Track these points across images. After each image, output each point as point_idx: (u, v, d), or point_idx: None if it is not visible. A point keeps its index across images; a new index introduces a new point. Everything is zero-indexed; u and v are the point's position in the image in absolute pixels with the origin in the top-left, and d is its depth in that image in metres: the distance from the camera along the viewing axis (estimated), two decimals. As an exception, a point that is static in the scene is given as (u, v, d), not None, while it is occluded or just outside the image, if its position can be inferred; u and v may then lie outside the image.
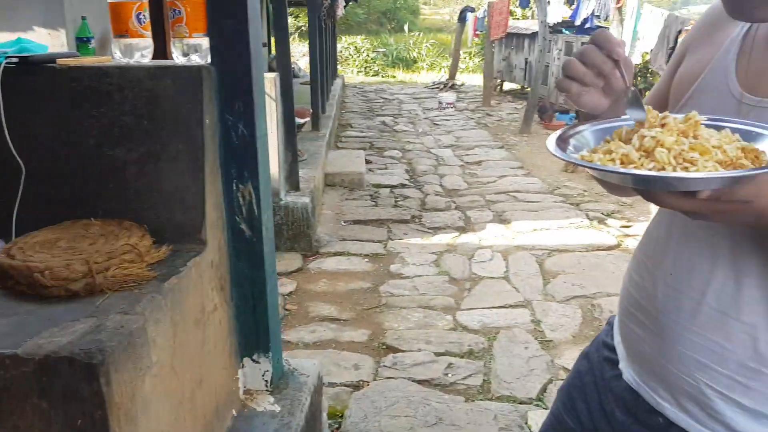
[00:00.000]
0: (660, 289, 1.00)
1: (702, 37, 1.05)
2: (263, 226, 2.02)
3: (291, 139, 4.75)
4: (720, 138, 0.80)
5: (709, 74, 0.99)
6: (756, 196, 0.75)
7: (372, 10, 34.57)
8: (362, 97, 15.03)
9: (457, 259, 4.68)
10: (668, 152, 0.77)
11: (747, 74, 0.93)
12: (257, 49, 1.93)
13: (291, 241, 4.64)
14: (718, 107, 0.92)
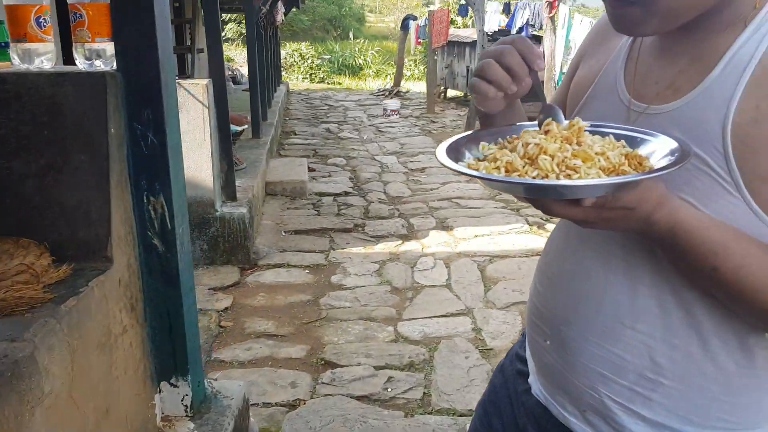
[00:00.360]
0: (560, 299, 0.99)
1: (596, 44, 1.06)
2: (178, 241, 1.90)
3: (226, 147, 4.59)
4: (603, 144, 0.79)
5: (600, 80, 0.99)
6: (639, 202, 0.74)
7: (317, 17, 34.49)
8: (307, 104, 14.88)
9: (400, 267, 4.61)
10: (551, 159, 0.76)
11: (634, 81, 0.94)
12: (167, 54, 1.81)
13: (228, 253, 4.48)
14: (609, 113, 0.94)
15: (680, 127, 0.84)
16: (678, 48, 0.89)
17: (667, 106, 0.87)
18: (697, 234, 0.78)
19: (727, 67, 0.82)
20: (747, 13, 0.83)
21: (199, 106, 4.21)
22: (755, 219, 0.79)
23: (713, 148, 0.80)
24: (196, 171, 4.28)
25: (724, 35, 0.84)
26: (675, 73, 0.88)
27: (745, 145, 0.78)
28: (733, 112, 0.79)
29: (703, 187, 0.81)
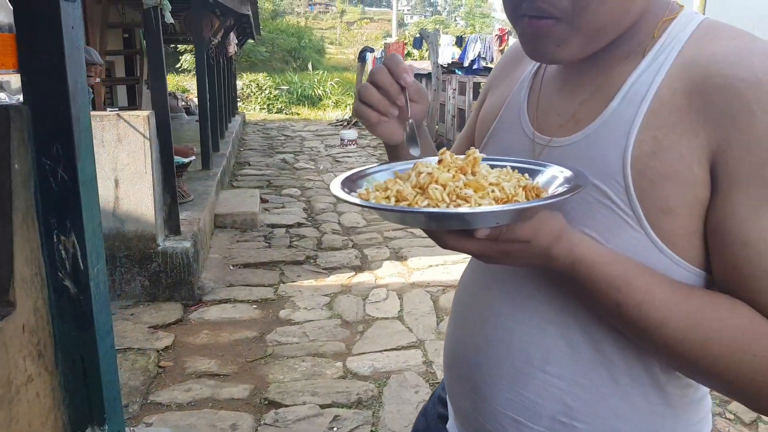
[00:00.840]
0: (470, 341, 0.95)
1: (502, 75, 1.06)
2: (92, 282, 1.77)
3: (170, 179, 4.46)
4: (499, 175, 0.77)
5: (505, 112, 0.98)
6: (535, 235, 0.72)
7: (276, 48, 34.59)
8: (263, 134, 14.78)
9: (351, 300, 4.51)
10: (443, 189, 0.74)
11: (537, 113, 0.92)
12: (79, 87, 1.71)
13: (170, 289, 4.32)
14: (514, 146, 0.92)
15: (582, 159, 0.82)
16: (579, 79, 0.88)
17: (569, 139, 0.85)
18: (598, 269, 0.75)
19: (625, 98, 0.80)
20: (646, 42, 0.82)
21: (140, 138, 4.09)
22: (657, 252, 0.77)
23: (614, 180, 0.78)
24: (136, 204, 4.14)
25: (624, 65, 0.83)
26: (576, 105, 0.87)
27: (645, 177, 0.77)
28: (632, 145, 0.78)
29: (604, 220, 0.79)
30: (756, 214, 0.71)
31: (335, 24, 63.74)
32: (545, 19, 0.78)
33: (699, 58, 0.77)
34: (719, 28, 0.80)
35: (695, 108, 0.75)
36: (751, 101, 0.71)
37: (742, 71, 0.72)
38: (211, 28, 7.38)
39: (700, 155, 0.74)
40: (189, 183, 5.94)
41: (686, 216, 0.75)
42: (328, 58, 43.37)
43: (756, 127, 0.70)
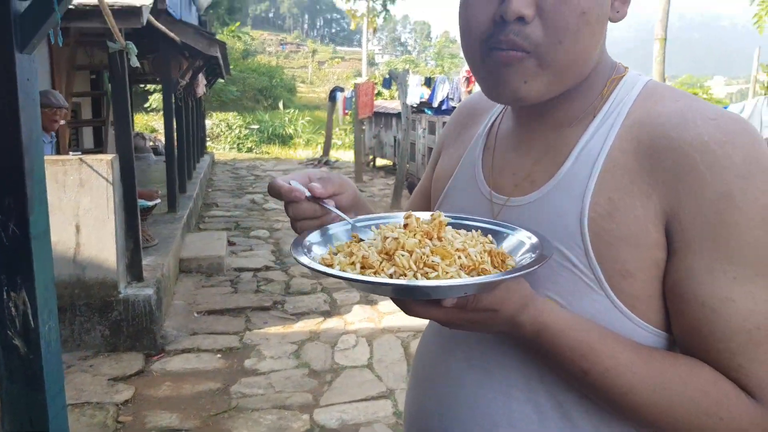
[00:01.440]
0: (432, 406, 0.91)
1: (454, 134, 1.06)
2: (43, 340, 1.68)
3: (133, 224, 4.35)
4: (465, 240, 0.77)
5: (460, 172, 0.98)
6: (501, 304, 0.71)
7: (247, 87, 34.71)
8: (232, 174, 14.68)
9: (320, 348, 4.41)
10: (409, 256, 0.72)
11: (492, 172, 0.92)
12: (33, 138, 1.65)
13: (132, 339, 4.17)
14: (471, 206, 0.92)
15: (539, 220, 0.83)
16: (533, 139, 0.89)
17: (525, 198, 0.86)
18: (563, 336, 0.75)
19: (578, 159, 0.82)
20: (596, 102, 0.85)
21: (104, 183, 3.99)
22: (619, 315, 0.77)
23: (573, 243, 0.79)
24: (98, 251, 4.02)
25: (575, 126, 0.85)
26: (530, 164, 0.88)
27: (602, 240, 0.77)
28: (587, 207, 0.78)
29: (566, 283, 0.79)
30: (711, 274, 0.73)
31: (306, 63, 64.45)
32: (515, 51, 0.78)
33: (646, 119, 0.79)
34: (663, 90, 0.83)
35: (646, 170, 0.76)
36: (698, 163, 0.73)
37: (687, 133, 0.74)
38: (179, 69, 7.35)
39: (654, 217, 0.75)
40: (154, 226, 5.82)
41: (645, 279, 0.76)
42: (300, 96, 43.69)
43: (705, 189, 0.73)
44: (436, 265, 0.71)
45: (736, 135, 0.74)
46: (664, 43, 9.28)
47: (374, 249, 0.76)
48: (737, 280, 0.72)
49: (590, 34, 0.78)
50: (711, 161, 0.72)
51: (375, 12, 35.53)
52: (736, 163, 0.72)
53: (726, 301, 0.72)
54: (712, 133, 0.74)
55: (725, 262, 0.72)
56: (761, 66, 11.00)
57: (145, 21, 4.11)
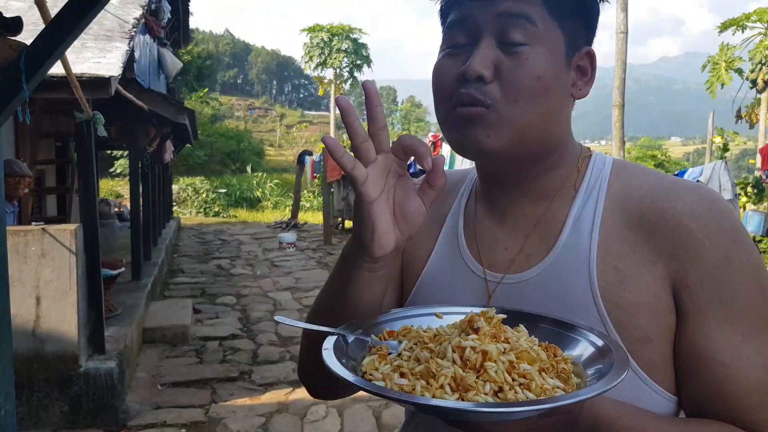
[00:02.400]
0: None
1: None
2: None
3: (96, 295, 4.25)
4: (525, 338, 0.70)
5: (440, 251, 0.94)
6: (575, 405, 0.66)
7: (215, 151, 34.84)
8: (199, 239, 14.51)
9: (288, 420, 4.29)
10: (496, 366, 0.63)
11: (481, 250, 0.91)
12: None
13: (92, 415, 4.00)
14: (461, 284, 0.90)
15: (546, 295, 0.82)
16: (518, 213, 0.90)
17: (526, 274, 0.85)
18: (618, 424, 0.74)
19: (573, 230, 0.84)
20: (573, 176, 0.88)
21: (66, 253, 3.91)
22: (639, 383, 0.78)
23: (588, 314, 0.79)
24: (58, 323, 3.89)
25: (558, 199, 0.87)
26: (522, 238, 0.88)
27: (618, 307, 0.79)
28: (596, 275, 0.80)
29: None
30: (724, 335, 0.77)
31: (275, 127, 65.18)
32: (476, 106, 0.80)
33: (627, 192, 0.84)
34: (631, 166, 0.89)
35: (643, 239, 0.80)
36: (695, 231, 0.78)
37: (677, 203, 0.79)
38: (147, 136, 7.36)
39: (663, 283, 0.78)
40: (117, 295, 5.68)
41: (662, 344, 0.79)
42: (268, 159, 43.94)
43: (706, 254, 0.77)
44: (529, 374, 0.64)
45: (717, 203, 0.80)
46: (622, 109, 9.66)
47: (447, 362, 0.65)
48: (746, 337, 0.77)
49: (547, 98, 0.80)
50: (706, 228, 0.77)
51: (342, 78, 36.42)
52: (726, 229, 0.78)
53: (741, 359, 0.76)
54: (699, 202, 0.79)
55: (735, 322, 0.77)
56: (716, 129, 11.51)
57: (113, 92, 4.13)
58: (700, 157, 47.30)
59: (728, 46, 15.05)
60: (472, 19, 0.81)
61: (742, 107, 14.98)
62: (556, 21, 0.80)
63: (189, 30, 15.16)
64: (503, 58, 0.79)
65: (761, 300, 0.78)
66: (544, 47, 0.79)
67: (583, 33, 0.84)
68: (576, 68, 0.84)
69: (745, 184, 9.42)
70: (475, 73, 0.79)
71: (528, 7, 0.79)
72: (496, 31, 0.80)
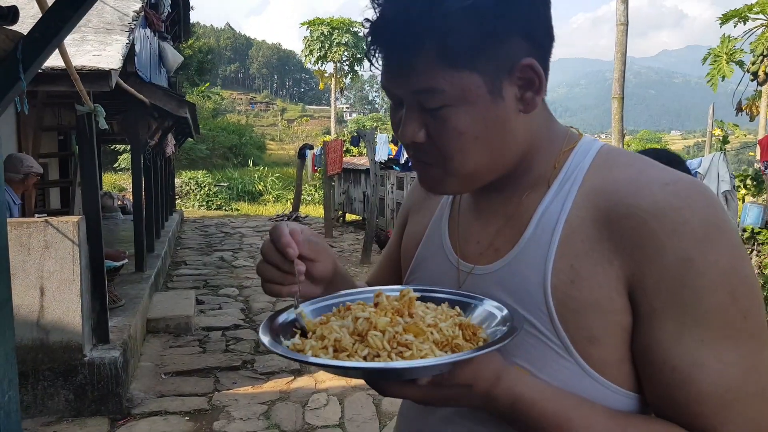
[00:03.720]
0: None
1: (420, 200, 1.08)
2: (2, 411, 1.65)
3: (99, 285, 4.30)
4: (436, 315, 0.77)
5: (428, 240, 1.00)
6: (475, 379, 0.73)
7: (217, 145, 34.85)
8: (201, 231, 14.57)
9: (290, 408, 4.34)
10: (382, 335, 0.72)
11: (459, 240, 0.94)
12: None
13: (97, 403, 4.06)
14: (440, 274, 0.94)
15: (505, 288, 0.84)
16: (492, 208, 0.92)
17: (490, 267, 0.87)
18: (538, 407, 0.75)
19: (537, 227, 0.84)
20: (549, 173, 0.87)
21: (69, 244, 3.95)
22: (590, 380, 0.78)
23: (538, 310, 0.80)
24: (63, 313, 3.94)
25: (532, 195, 0.87)
26: (493, 233, 0.90)
27: (567, 307, 0.78)
28: (550, 273, 0.80)
29: (534, 351, 0.80)
30: (679, 339, 0.74)
31: (276, 121, 65.13)
32: (422, 163, 0.85)
33: (601, 185, 0.81)
34: (617, 155, 0.85)
35: (605, 237, 0.78)
36: (656, 230, 0.74)
37: (643, 200, 0.76)
38: (148, 130, 7.40)
39: (617, 284, 0.77)
40: (121, 287, 5.74)
41: (613, 344, 0.77)
42: (269, 153, 43.96)
43: (665, 255, 0.74)
44: (410, 344, 0.71)
45: (692, 200, 0.75)
46: (621, 101, 9.66)
47: (346, 330, 0.76)
48: (704, 343, 0.73)
49: (484, 143, 0.81)
50: (669, 227, 0.74)
51: (342, 72, 36.35)
52: (694, 228, 0.74)
53: (695, 365, 0.73)
54: (668, 199, 0.75)
55: (692, 326, 0.74)
56: (716, 122, 11.49)
57: (113, 85, 4.17)
58: (700, 150, 47.20)
59: (729, 38, 15.01)
60: (392, 91, 0.83)
61: (742, 100, 14.97)
62: (465, 68, 0.77)
63: (189, 24, 15.16)
64: (429, 120, 0.80)
65: (730, 305, 0.73)
66: (462, 100, 0.78)
67: (515, 47, 0.79)
68: (518, 86, 0.80)
69: (744, 176, 9.43)
70: (407, 140, 0.82)
71: (430, 79, 0.77)
72: (415, 102, 0.81)
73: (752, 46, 14.85)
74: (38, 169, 4.63)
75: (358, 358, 0.71)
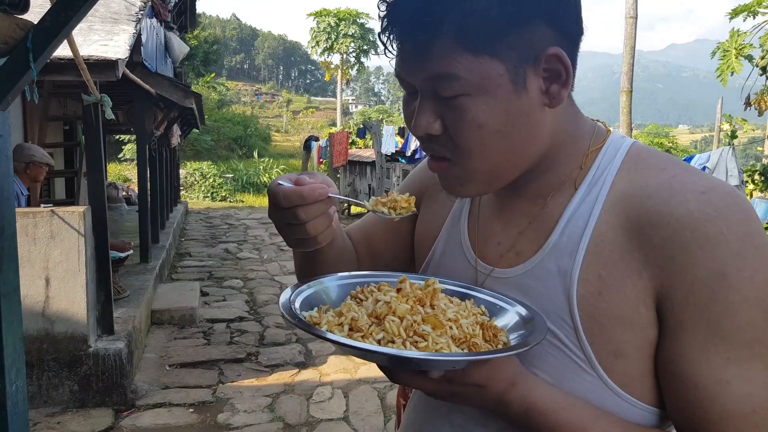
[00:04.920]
0: None
1: (436, 185, 0.96)
2: (9, 401, 1.64)
3: (104, 276, 4.29)
4: (458, 311, 0.76)
5: (446, 234, 0.96)
6: (489, 380, 0.71)
7: (222, 136, 34.86)
8: (206, 223, 14.57)
9: (294, 400, 4.33)
10: (400, 322, 0.71)
11: (477, 240, 0.91)
12: (3, 194, 1.64)
13: (101, 394, 4.06)
14: (457, 272, 0.90)
15: (526, 294, 0.81)
16: (515, 208, 0.87)
17: (512, 271, 0.84)
18: (552, 416, 0.74)
19: (564, 232, 0.80)
20: (575, 173, 0.82)
21: (75, 234, 3.94)
22: (612, 395, 0.76)
23: (562, 321, 0.77)
24: (68, 304, 3.94)
25: (557, 197, 0.83)
26: (515, 235, 0.86)
27: (594, 319, 0.75)
28: (576, 283, 0.76)
29: (555, 362, 0.77)
30: (704, 355, 0.71)
31: (281, 112, 65.09)
32: (440, 160, 0.80)
33: (632, 191, 0.77)
34: (648, 157, 0.80)
35: (636, 246, 0.74)
36: (689, 241, 0.71)
37: (677, 209, 0.72)
38: (154, 120, 7.38)
39: (645, 296, 0.73)
40: (125, 278, 5.73)
41: (638, 358, 0.75)
42: (274, 145, 43.94)
43: (697, 268, 0.70)
44: (427, 335, 0.70)
45: (728, 210, 0.71)
46: (630, 95, 9.60)
47: (365, 311, 0.75)
48: (731, 361, 0.70)
49: (503, 141, 0.76)
50: (703, 238, 0.70)
51: (348, 64, 36.27)
52: (729, 240, 0.70)
53: (721, 383, 0.70)
54: (703, 208, 0.71)
55: (719, 343, 0.70)
56: (724, 116, 11.41)
57: (120, 74, 4.14)
58: (707, 144, 47.01)
59: (739, 32, 14.90)
60: (406, 79, 0.78)
61: (751, 94, 14.85)
62: (486, 53, 0.72)
63: (196, 14, 15.12)
64: (445, 110, 0.76)
65: (762, 323, 0.70)
66: (482, 90, 0.73)
67: (540, 35, 0.74)
68: (543, 78, 0.76)
69: (752, 172, 9.37)
70: (421, 133, 0.78)
71: (447, 64, 0.72)
72: (430, 90, 0.76)
73: (761, 41, 14.71)
74: (47, 160, 4.61)
75: (372, 340, 0.70)
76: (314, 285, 0.85)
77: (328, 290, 0.85)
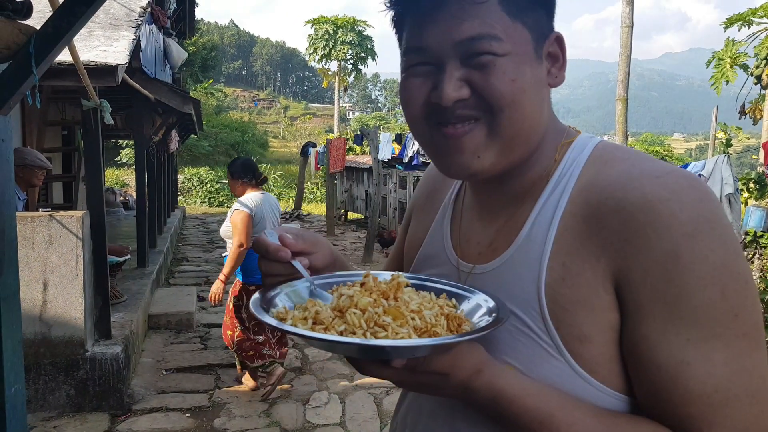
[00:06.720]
0: None
1: (423, 199, 1.07)
2: (8, 403, 1.66)
3: (102, 280, 4.30)
4: (422, 303, 0.77)
5: (430, 240, 0.99)
6: (452, 368, 0.71)
7: (219, 142, 34.91)
8: (203, 228, 14.57)
9: (291, 406, 4.34)
10: (362, 314, 0.73)
11: (460, 240, 0.93)
12: (4, 198, 1.66)
13: (98, 398, 4.06)
14: (441, 274, 0.92)
15: (501, 287, 0.83)
16: (494, 209, 0.90)
17: (488, 266, 0.86)
18: (519, 403, 0.74)
19: (534, 225, 0.83)
20: (550, 167, 0.86)
21: (73, 239, 3.96)
22: (580, 381, 0.76)
23: (531, 308, 0.79)
24: (65, 308, 3.95)
25: (531, 192, 0.85)
26: (493, 233, 0.89)
27: (558, 304, 0.77)
28: (544, 272, 0.78)
29: (525, 350, 0.78)
30: (664, 337, 0.72)
31: (279, 119, 65.19)
32: (466, 123, 0.80)
33: (594, 181, 0.79)
34: (613, 150, 0.84)
35: (594, 232, 0.76)
36: (643, 224, 0.72)
37: (631, 194, 0.74)
38: (152, 125, 7.40)
39: (604, 280, 0.75)
40: (123, 282, 5.74)
41: (602, 343, 0.76)
42: (272, 151, 44.00)
43: (652, 250, 0.72)
44: (387, 325, 0.71)
45: (683, 192, 0.73)
46: (625, 103, 9.65)
47: (329, 306, 0.77)
48: (691, 342, 0.71)
49: (529, 100, 0.79)
50: (655, 221, 0.72)
51: (346, 71, 36.37)
52: (682, 222, 0.71)
53: (682, 364, 0.71)
54: (656, 191, 0.73)
55: (678, 324, 0.71)
56: (719, 125, 11.48)
57: (119, 80, 4.17)
58: (702, 153, 47.20)
59: (733, 41, 15.00)
60: (431, 48, 0.79)
61: (746, 103, 14.93)
62: (519, 20, 0.78)
63: (194, 20, 15.17)
64: (473, 73, 0.78)
65: (719, 302, 0.70)
66: (512, 52, 0.78)
67: (546, 20, 0.83)
68: (548, 57, 0.83)
69: (747, 180, 9.42)
70: (451, 100, 0.78)
71: (488, 25, 0.77)
72: (459, 54, 0.78)
73: (756, 50, 14.82)
74: (40, 163, 4.62)
75: (333, 332, 0.71)
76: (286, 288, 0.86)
77: (299, 292, 0.86)
